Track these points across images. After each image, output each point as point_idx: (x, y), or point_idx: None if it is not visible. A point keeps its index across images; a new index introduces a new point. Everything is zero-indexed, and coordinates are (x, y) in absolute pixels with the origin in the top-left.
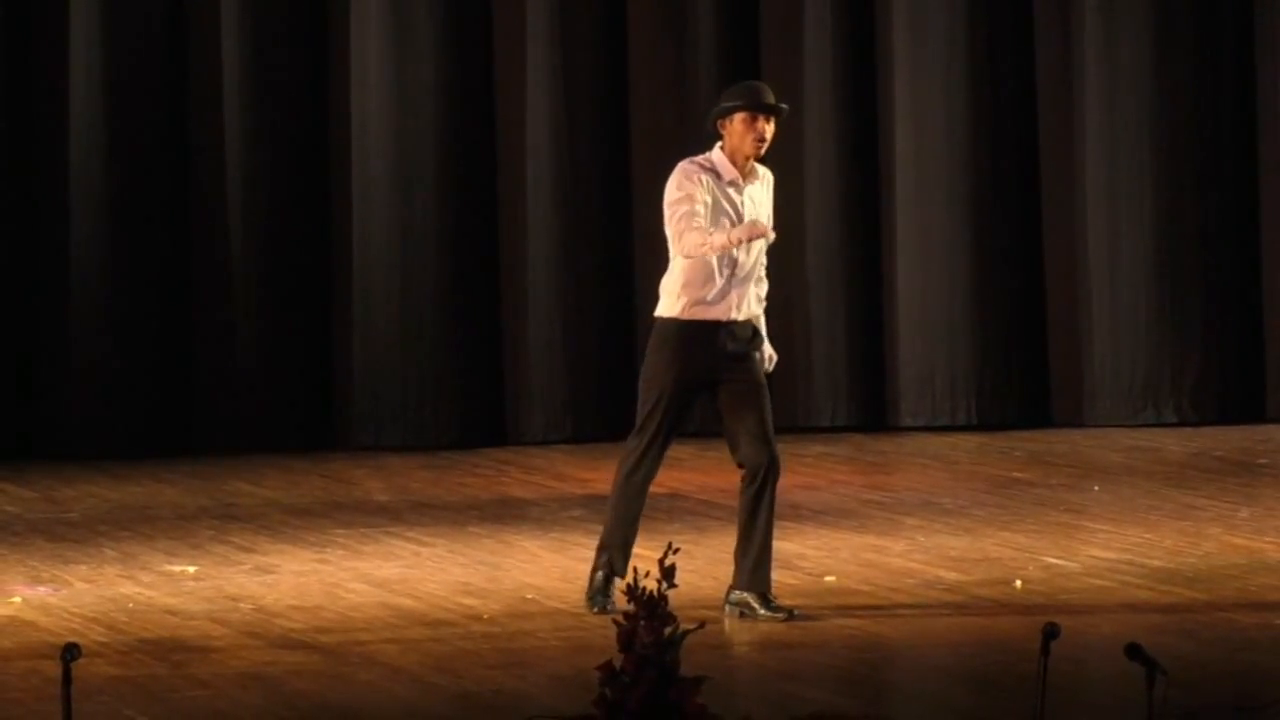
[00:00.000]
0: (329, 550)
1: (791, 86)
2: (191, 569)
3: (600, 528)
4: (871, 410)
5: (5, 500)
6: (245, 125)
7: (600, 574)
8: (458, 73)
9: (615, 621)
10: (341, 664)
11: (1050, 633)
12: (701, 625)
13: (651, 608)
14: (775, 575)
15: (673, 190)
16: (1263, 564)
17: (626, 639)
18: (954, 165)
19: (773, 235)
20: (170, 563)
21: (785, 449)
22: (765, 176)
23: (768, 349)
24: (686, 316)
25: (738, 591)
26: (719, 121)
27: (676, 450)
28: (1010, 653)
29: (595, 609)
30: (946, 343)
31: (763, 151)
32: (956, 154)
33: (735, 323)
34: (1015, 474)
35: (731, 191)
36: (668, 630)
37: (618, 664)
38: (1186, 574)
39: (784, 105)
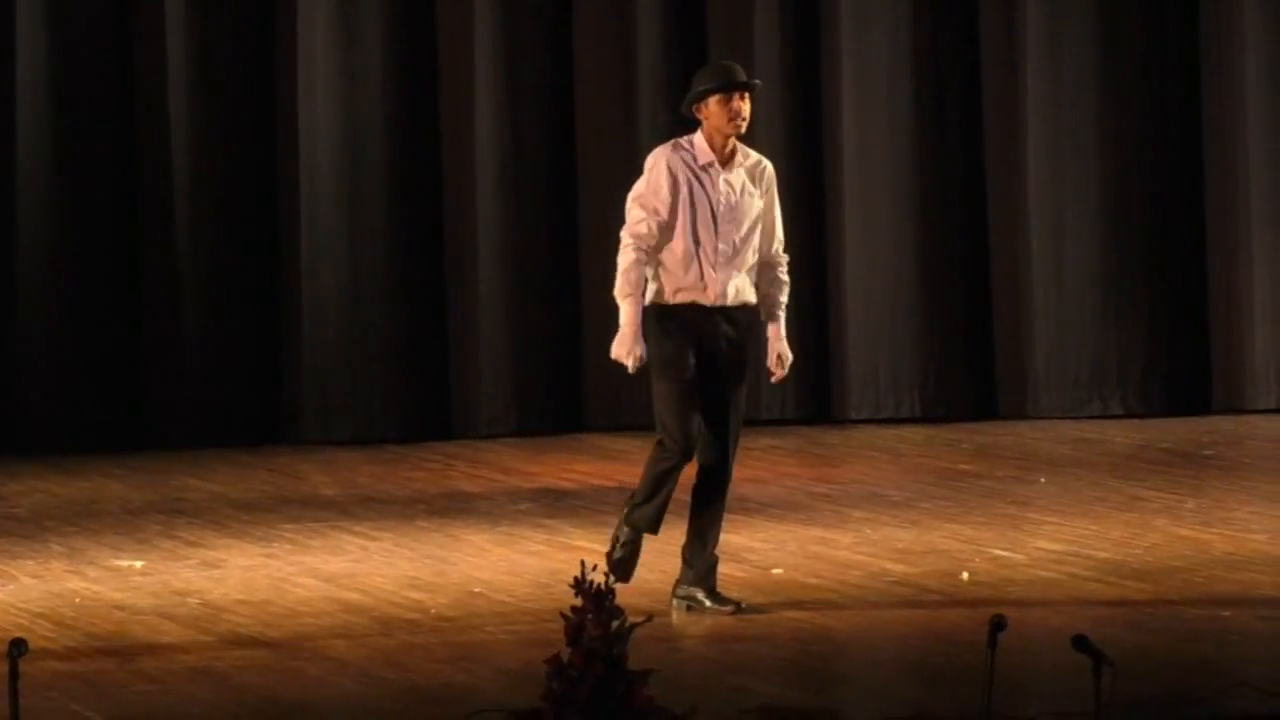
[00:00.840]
0: (276, 545)
1: None
2: (139, 564)
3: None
4: (818, 403)
5: None
6: (192, 123)
7: (622, 551)
8: (404, 68)
9: (563, 615)
10: (289, 658)
11: (997, 624)
12: (649, 618)
13: (599, 601)
14: (723, 568)
15: (641, 183)
16: (1209, 555)
17: (574, 633)
18: (898, 160)
19: (630, 367)
20: (117, 558)
21: None
22: (757, 168)
23: (782, 348)
24: (674, 301)
25: (685, 585)
26: (695, 107)
27: (623, 444)
28: (957, 645)
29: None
30: (891, 335)
31: (743, 130)
32: (901, 149)
33: (726, 308)
34: (962, 466)
35: (706, 177)
36: (615, 624)
37: (565, 658)
38: (1133, 566)
39: (756, 80)
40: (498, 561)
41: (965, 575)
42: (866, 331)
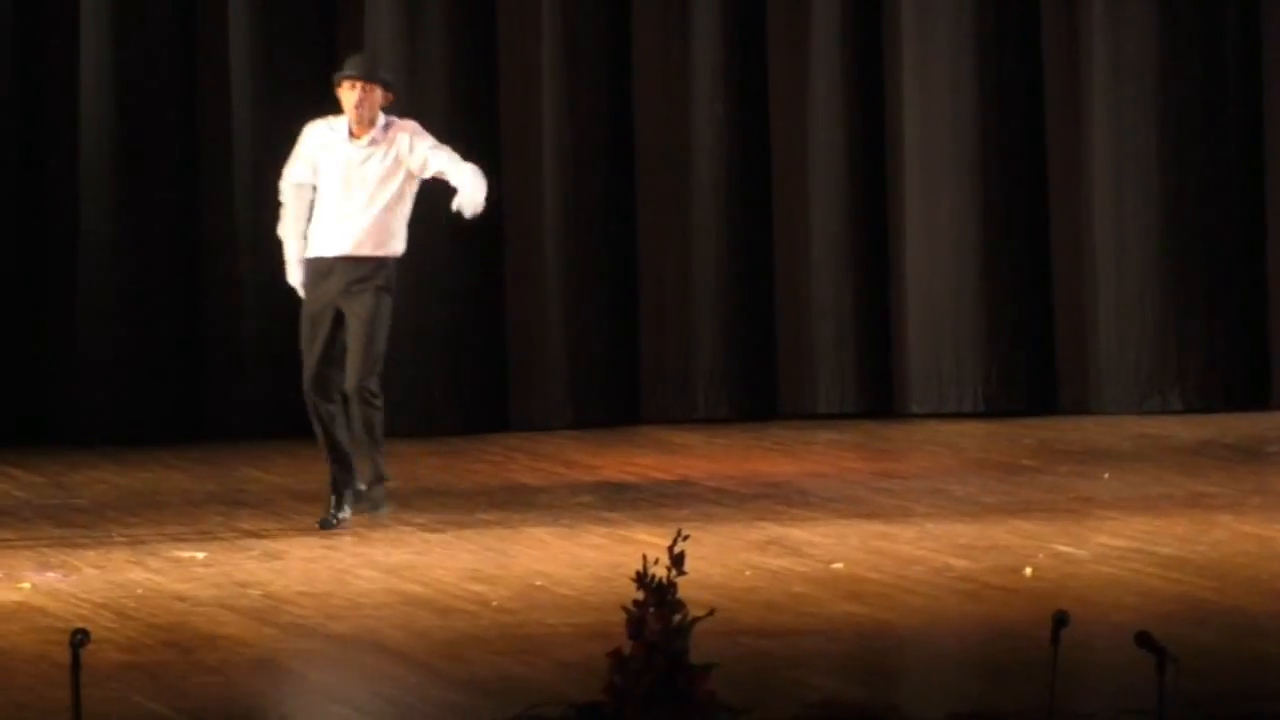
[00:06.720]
0: (338, 537)
1: (798, 71)
2: (200, 555)
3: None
4: (879, 397)
5: (14, 486)
6: (254, 112)
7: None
8: (465, 54)
9: (624, 608)
10: (350, 650)
11: (1060, 620)
12: (711, 613)
13: (660, 595)
14: (784, 562)
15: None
16: (1273, 551)
17: (635, 626)
18: (960, 153)
19: None
20: (179, 549)
21: (795, 436)
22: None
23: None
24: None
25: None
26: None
27: (683, 437)
28: (1020, 640)
29: None
30: (953, 330)
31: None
32: (963, 142)
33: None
34: (1024, 461)
35: None
36: (676, 618)
37: (626, 651)
38: (1197, 562)
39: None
40: (559, 554)
41: (1028, 571)
42: (928, 325)
